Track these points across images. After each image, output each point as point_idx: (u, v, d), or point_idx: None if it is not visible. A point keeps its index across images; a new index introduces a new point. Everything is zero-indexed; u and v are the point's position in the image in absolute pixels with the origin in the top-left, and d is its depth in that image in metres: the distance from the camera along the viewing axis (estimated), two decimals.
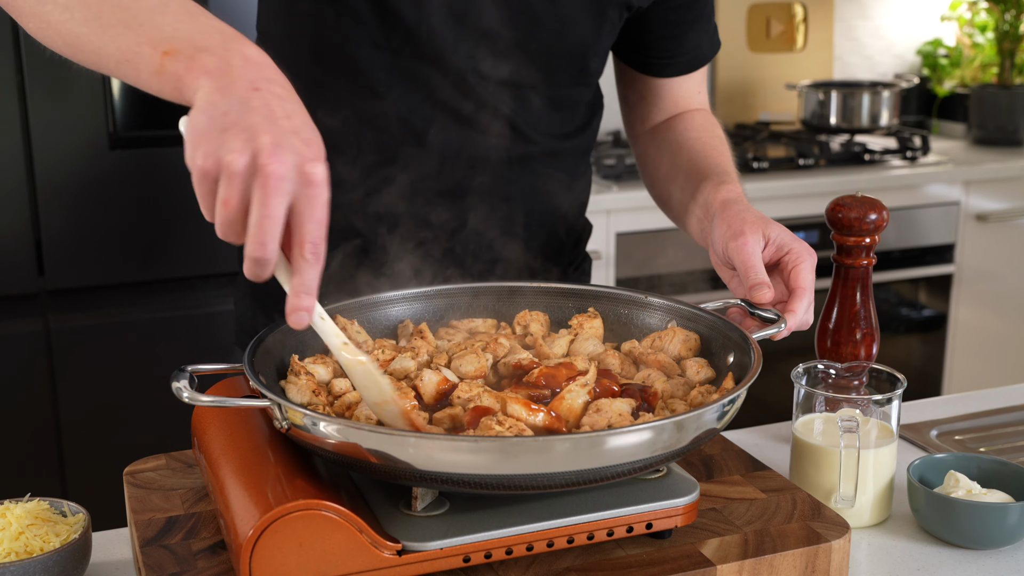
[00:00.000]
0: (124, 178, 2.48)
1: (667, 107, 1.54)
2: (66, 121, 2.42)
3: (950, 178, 3.27)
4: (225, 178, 0.85)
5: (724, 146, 1.46)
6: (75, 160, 2.44)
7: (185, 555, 1.02)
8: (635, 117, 1.57)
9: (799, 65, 3.74)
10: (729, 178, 1.34)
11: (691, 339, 1.18)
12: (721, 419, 1.00)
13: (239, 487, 0.98)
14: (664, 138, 1.51)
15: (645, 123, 1.56)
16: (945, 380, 3.43)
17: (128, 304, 2.55)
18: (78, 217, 2.46)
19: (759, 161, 3.14)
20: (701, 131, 1.48)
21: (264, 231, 0.84)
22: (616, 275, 2.93)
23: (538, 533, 0.98)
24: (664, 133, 1.51)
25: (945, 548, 1.18)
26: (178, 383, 0.98)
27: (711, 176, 1.36)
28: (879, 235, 1.34)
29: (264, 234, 0.84)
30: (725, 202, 1.27)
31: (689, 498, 1.03)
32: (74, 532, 1.08)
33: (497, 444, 0.91)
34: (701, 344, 1.19)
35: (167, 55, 0.92)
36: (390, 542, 0.94)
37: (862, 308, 1.37)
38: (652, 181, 1.53)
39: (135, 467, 1.19)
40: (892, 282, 3.30)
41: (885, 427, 1.23)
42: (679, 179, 1.43)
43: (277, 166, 0.83)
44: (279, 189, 0.84)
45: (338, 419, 0.93)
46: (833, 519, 1.08)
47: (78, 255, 2.49)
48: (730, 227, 1.23)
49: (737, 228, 1.22)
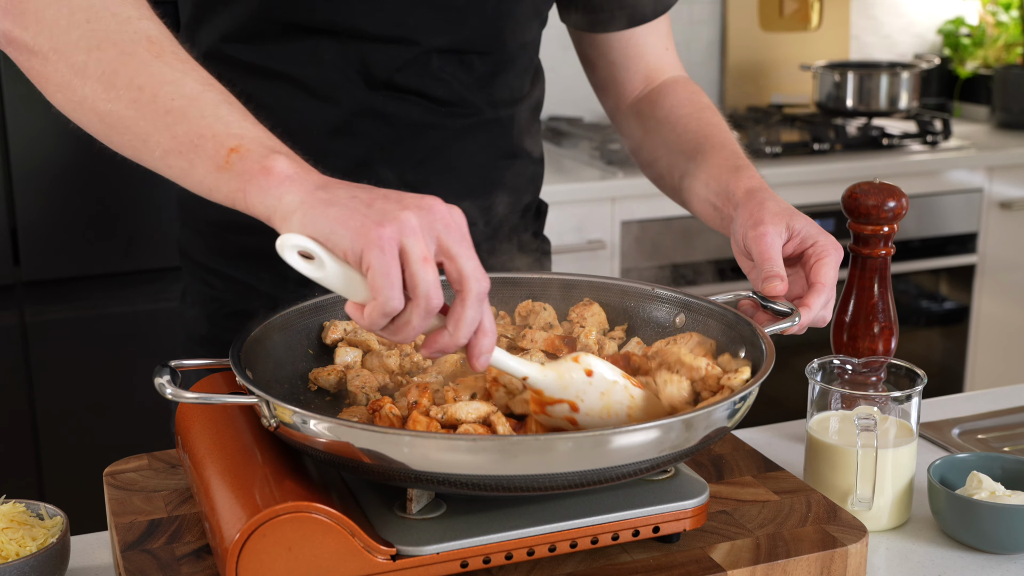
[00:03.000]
0: (103, 165, 2.48)
1: (636, 72, 1.53)
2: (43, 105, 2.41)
3: (972, 164, 3.27)
4: (410, 234, 0.85)
5: (721, 121, 1.45)
6: (52, 146, 2.44)
7: (168, 560, 1.02)
8: (610, 95, 1.56)
9: (814, 45, 3.73)
10: (744, 161, 1.34)
11: (707, 344, 1.16)
12: (732, 417, 1.00)
13: (225, 488, 0.98)
14: (650, 116, 1.50)
15: (622, 99, 1.55)
16: (967, 376, 3.43)
17: (108, 296, 2.55)
18: (55, 205, 2.46)
19: (772, 146, 3.14)
20: (689, 106, 1.47)
21: (474, 271, 0.88)
22: (621, 265, 2.93)
23: (539, 537, 0.98)
24: (649, 111, 1.50)
25: (967, 553, 1.18)
26: (161, 379, 0.98)
27: (722, 159, 1.35)
28: (898, 224, 1.34)
29: (477, 275, 0.88)
30: (750, 191, 1.27)
31: (698, 500, 1.03)
32: (51, 536, 1.08)
33: (496, 443, 0.91)
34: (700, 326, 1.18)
35: (234, 152, 0.92)
36: (384, 546, 0.95)
37: (880, 300, 1.37)
38: (646, 164, 1.52)
39: (115, 467, 1.19)
40: (911, 273, 3.30)
41: (904, 425, 1.23)
42: (680, 163, 1.41)
43: (440, 205, 0.88)
44: (451, 222, 0.88)
45: (329, 417, 0.93)
46: (849, 522, 1.08)
47: (56, 245, 2.49)
48: (752, 216, 1.23)
49: (758, 217, 1.22)
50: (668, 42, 1.54)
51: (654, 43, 1.52)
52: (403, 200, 0.87)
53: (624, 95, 1.55)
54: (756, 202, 1.24)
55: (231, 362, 1.02)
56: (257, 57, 1.32)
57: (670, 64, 1.54)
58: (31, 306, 2.50)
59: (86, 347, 2.54)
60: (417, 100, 1.36)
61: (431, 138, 1.37)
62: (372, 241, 0.85)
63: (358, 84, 1.33)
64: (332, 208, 0.87)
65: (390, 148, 1.36)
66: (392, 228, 0.85)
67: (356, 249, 0.86)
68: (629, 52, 1.52)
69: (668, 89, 1.51)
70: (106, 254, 2.53)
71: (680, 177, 1.42)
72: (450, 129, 1.38)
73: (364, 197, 0.87)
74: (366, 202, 0.87)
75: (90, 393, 2.55)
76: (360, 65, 1.33)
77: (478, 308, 0.89)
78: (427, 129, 1.37)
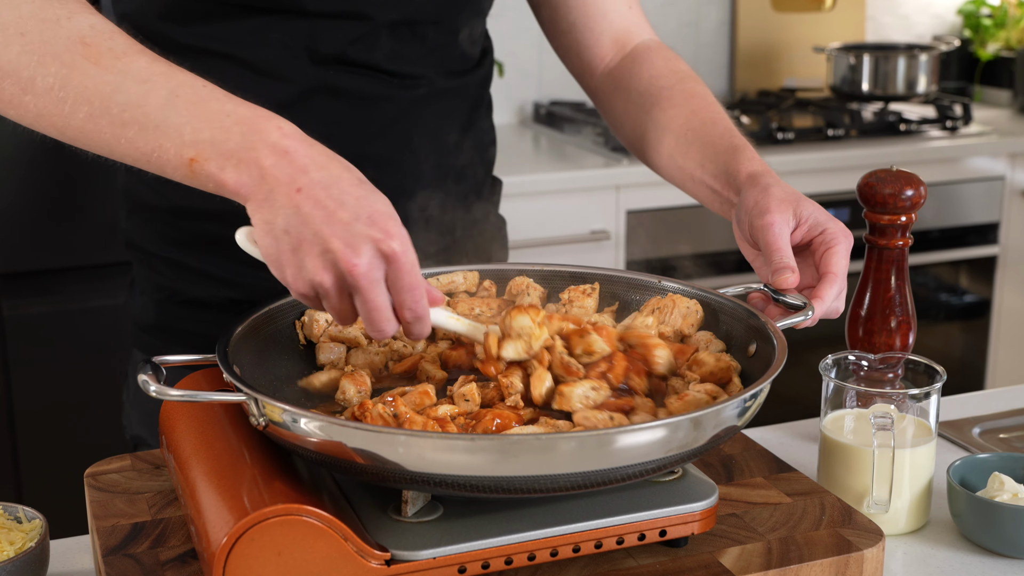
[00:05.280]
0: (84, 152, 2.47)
1: (603, 34, 1.52)
2: None
3: (994, 150, 3.27)
4: (323, 296, 0.99)
5: (706, 91, 1.44)
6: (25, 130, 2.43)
7: (152, 565, 1.02)
8: (580, 63, 1.55)
9: (828, 25, 3.73)
10: (740, 139, 1.33)
11: (692, 311, 1.16)
12: (742, 416, 1.00)
13: (211, 490, 0.98)
14: (630, 90, 1.48)
15: (593, 66, 1.54)
16: (989, 372, 3.43)
17: (89, 289, 2.55)
18: (32, 192, 2.46)
19: (784, 132, 3.13)
20: (670, 75, 1.46)
21: (377, 320, 0.99)
22: (627, 257, 2.93)
23: (541, 541, 0.98)
24: (626, 83, 1.49)
25: (988, 557, 1.18)
26: (144, 375, 0.98)
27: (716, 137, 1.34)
28: (916, 213, 1.34)
29: (378, 323, 0.99)
30: (752, 176, 1.26)
31: (707, 502, 1.04)
32: (30, 540, 1.08)
33: (495, 443, 0.91)
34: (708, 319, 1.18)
35: (194, 162, 1.00)
36: (378, 551, 0.95)
37: (897, 293, 1.36)
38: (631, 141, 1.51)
39: (97, 468, 1.19)
40: (930, 265, 3.30)
41: (922, 424, 1.23)
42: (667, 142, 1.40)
43: (361, 266, 0.96)
44: (371, 282, 0.97)
45: (321, 416, 0.94)
46: (865, 526, 1.08)
47: (33, 235, 2.48)
48: (757, 204, 1.22)
49: (764, 205, 1.21)
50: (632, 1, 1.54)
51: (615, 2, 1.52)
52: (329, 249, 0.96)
53: (594, 62, 1.53)
54: (760, 188, 1.24)
55: (217, 358, 1.02)
56: (197, 39, 1.32)
57: (636, 24, 1.53)
58: (7, 299, 2.50)
59: (66, 342, 2.54)
60: (368, 73, 1.36)
61: (386, 111, 1.39)
62: (294, 290, 1.00)
63: (307, 62, 1.34)
64: (265, 238, 0.98)
65: (344, 123, 1.37)
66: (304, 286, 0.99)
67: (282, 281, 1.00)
68: (588, 11, 1.51)
69: (642, 57, 1.49)
70: (86, 245, 2.52)
71: (670, 155, 1.41)
72: (404, 100, 1.39)
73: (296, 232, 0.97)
74: (293, 246, 0.97)
75: (70, 390, 2.55)
76: (309, 42, 1.33)
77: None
78: (380, 102, 1.38)
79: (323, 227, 0.96)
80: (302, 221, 0.96)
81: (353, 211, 0.97)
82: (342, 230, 0.96)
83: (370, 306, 0.98)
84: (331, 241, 0.96)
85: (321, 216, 0.96)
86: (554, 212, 2.83)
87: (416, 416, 1.00)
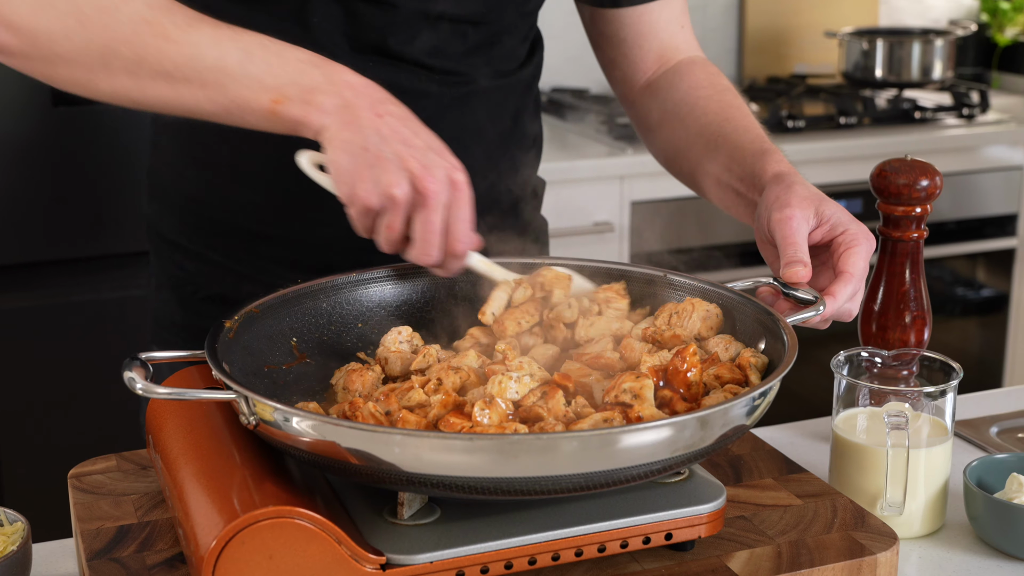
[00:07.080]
0: (70, 139, 2.48)
1: (651, 51, 1.53)
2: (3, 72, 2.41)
3: (1012, 139, 3.27)
4: (388, 210, 1.09)
5: (743, 103, 1.46)
6: (14, 117, 2.44)
7: (138, 569, 1.02)
8: (622, 76, 1.57)
9: (840, 10, 3.73)
10: (770, 145, 1.35)
11: (712, 315, 1.17)
12: (751, 414, 1.00)
13: (200, 492, 0.98)
14: (667, 99, 1.50)
15: (635, 80, 1.55)
16: (1007, 370, 3.43)
17: (73, 283, 2.55)
18: (17, 183, 2.46)
19: (794, 120, 3.13)
20: (709, 87, 1.48)
21: (430, 243, 1.10)
22: (631, 250, 2.93)
23: (542, 544, 0.98)
24: (664, 93, 1.51)
25: (1006, 561, 1.18)
26: (130, 372, 0.98)
27: (746, 142, 1.35)
28: (931, 204, 1.34)
29: (430, 246, 1.11)
30: (778, 175, 1.27)
31: (714, 505, 1.04)
32: (11, 543, 1.08)
33: (495, 443, 0.91)
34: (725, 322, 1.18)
35: (277, 103, 1.10)
36: (372, 554, 0.95)
37: (912, 287, 1.37)
38: (660, 149, 1.53)
39: (81, 469, 1.19)
40: (946, 258, 3.31)
41: (938, 423, 1.23)
42: (697, 147, 1.42)
43: (434, 186, 1.08)
44: (438, 203, 1.09)
45: (313, 414, 0.93)
46: (879, 528, 1.08)
47: (18, 227, 2.48)
48: (778, 199, 1.23)
49: (785, 200, 1.22)
50: (684, 19, 1.55)
51: (668, 19, 1.53)
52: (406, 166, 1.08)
53: (636, 76, 1.55)
54: (784, 185, 1.25)
55: (206, 354, 1.02)
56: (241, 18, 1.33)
57: (685, 42, 1.55)
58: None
59: (49, 338, 2.54)
60: (408, 68, 1.37)
61: (426, 107, 1.38)
62: (360, 202, 1.09)
63: (347, 51, 1.34)
64: (343, 155, 1.09)
65: None
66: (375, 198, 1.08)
67: (347, 199, 1.10)
68: (641, 29, 1.52)
69: (685, 70, 1.51)
70: (70, 237, 2.52)
71: (698, 161, 1.42)
72: (445, 98, 1.40)
73: (376, 150, 1.08)
74: (371, 163, 1.08)
75: (53, 388, 2.55)
76: (347, 28, 1.33)
77: None
78: (420, 97, 1.37)
79: (402, 148, 1.08)
80: (383, 140, 1.08)
81: (426, 141, 1.10)
82: (420, 153, 1.09)
83: (429, 227, 1.09)
84: (409, 161, 1.08)
85: (400, 139, 1.09)
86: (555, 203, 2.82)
87: (408, 415, 1.00)
